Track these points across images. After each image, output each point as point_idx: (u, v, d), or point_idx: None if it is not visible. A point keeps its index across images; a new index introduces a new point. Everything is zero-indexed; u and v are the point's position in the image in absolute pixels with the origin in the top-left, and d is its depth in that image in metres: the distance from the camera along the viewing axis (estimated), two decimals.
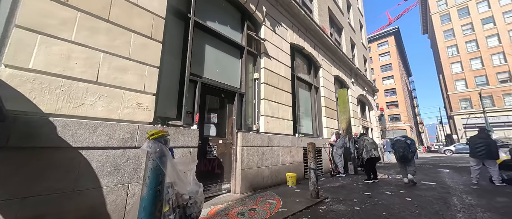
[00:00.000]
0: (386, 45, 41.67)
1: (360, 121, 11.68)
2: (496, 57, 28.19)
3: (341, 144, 6.17)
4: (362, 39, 15.29)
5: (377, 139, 13.73)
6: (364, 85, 12.87)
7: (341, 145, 6.18)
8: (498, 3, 28.80)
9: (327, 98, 7.58)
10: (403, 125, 36.87)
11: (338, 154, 6.24)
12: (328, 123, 7.35)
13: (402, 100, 38.13)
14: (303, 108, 6.56)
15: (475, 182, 5.14)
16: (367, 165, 5.28)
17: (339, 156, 6.24)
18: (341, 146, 6.16)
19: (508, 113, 26.00)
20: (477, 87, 28.32)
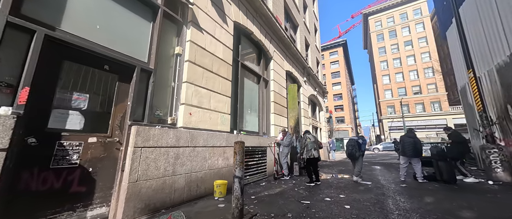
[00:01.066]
0: (336, 54, 46.63)
1: (310, 120, 11.81)
2: (412, 74, 35.24)
3: (287, 142, 5.55)
4: (316, 42, 15.90)
5: (324, 139, 14.43)
6: (316, 86, 13.23)
7: (287, 144, 5.56)
8: (415, 29, 36.04)
9: (277, 94, 6.94)
10: (346, 126, 41.96)
11: (284, 154, 5.61)
12: (276, 120, 6.70)
13: (346, 104, 43.38)
14: (249, 102, 5.65)
15: (403, 179, 5.34)
16: (308, 165, 4.77)
17: (285, 156, 5.61)
18: (287, 145, 5.55)
19: (418, 118, 32.78)
20: (399, 96, 34.73)
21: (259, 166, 5.19)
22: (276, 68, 7.16)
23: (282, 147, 5.62)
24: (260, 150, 5.35)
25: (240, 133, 4.76)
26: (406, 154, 5.28)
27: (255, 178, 4.94)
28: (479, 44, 6.66)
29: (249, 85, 5.79)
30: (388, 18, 39.55)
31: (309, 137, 4.88)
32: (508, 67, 5.51)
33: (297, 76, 9.60)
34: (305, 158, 4.78)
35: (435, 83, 32.71)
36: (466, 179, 5.26)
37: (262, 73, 6.45)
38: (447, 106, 31.13)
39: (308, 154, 4.75)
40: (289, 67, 8.59)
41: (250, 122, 5.59)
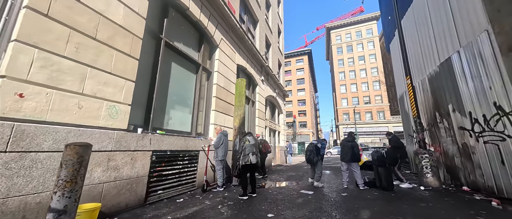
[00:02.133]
0: (302, 62, 49.09)
1: (266, 122, 11.24)
2: (364, 85, 39.54)
3: (216, 142, 4.57)
4: (279, 44, 15.74)
5: (283, 142, 14.16)
6: (275, 87, 12.85)
7: (216, 144, 4.57)
8: (367, 47, 40.76)
9: (222, 88, 5.95)
10: (308, 130, 44.16)
11: (219, 159, 4.61)
12: (219, 118, 5.70)
13: (309, 110, 45.82)
14: (177, 94, 4.49)
15: (346, 186, 5.02)
16: (243, 174, 3.90)
17: (220, 161, 4.62)
18: (216, 146, 4.56)
19: (367, 125, 36.74)
20: (352, 105, 38.43)
21: (182, 176, 4.06)
22: (223, 59, 6.20)
23: (216, 151, 4.62)
24: (188, 155, 4.23)
25: (154, 132, 3.56)
26: (344, 159, 4.99)
27: (173, 192, 3.78)
28: (416, 55, 7.14)
29: (180, 73, 4.63)
30: (346, 34, 43.80)
31: (249, 139, 4.02)
32: (438, 76, 5.87)
33: (252, 74, 8.87)
34: (241, 164, 3.89)
35: (380, 95, 37.36)
36: (402, 184, 5.25)
37: (202, 62, 5.38)
38: (389, 115, 35.84)
39: (245, 159, 3.87)
40: (242, 62, 7.75)
41: (177, 119, 4.42)
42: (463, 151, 4.98)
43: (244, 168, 3.88)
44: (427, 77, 6.47)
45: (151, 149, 3.32)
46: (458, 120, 5.08)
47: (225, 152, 4.66)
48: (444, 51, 5.49)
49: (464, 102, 4.80)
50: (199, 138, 4.72)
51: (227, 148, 4.74)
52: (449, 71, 5.30)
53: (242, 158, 3.83)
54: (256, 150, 3.97)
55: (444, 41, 5.46)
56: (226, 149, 4.70)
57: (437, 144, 6.18)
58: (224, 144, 4.66)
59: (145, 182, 3.19)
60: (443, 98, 5.64)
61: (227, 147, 4.77)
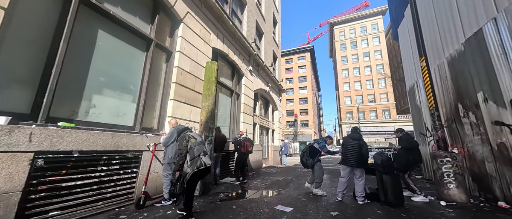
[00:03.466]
0: (304, 59, 47.57)
1: (257, 118, 10.05)
2: (368, 83, 37.81)
3: (165, 139, 3.38)
4: (275, 35, 14.49)
5: (277, 141, 12.94)
6: (269, 80, 11.63)
7: (165, 142, 3.39)
8: (372, 43, 38.96)
9: (186, 74, 4.80)
10: (310, 130, 42.70)
11: (167, 161, 3.44)
12: (181, 111, 4.55)
13: (311, 109, 44.32)
14: (106, 73, 3.33)
15: (340, 199, 3.80)
16: (191, 184, 2.70)
17: (169, 165, 3.44)
18: (166, 143, 3.38)
19: (372, 124, 35.07)
20: (356, 103, 36.76)
21: (108, 187, 2.92)
22: (190, 38, 5.04)
23: (165, 150, 3.44)
24: (120, 158, 3.09)
25: (47, 124, 2.42)
26: (349, 163, 3.76)
27: (86, 211, 2.64)
28: (431, 36, 5.80)
29: (115, 46, 3.47)
30: (351, 29, 42.05)
31: (193, 135, 2.82)
32: (462, 58, 4.55)
33: (236, 62, 7.68)
34: (190, 172, 2.65)
35: (386, 92, 35.57)
36: (414, 197, 3.98)
37: (156, 37, 4.22)
38: (396, 114, 34.07)
39: (196, 164, 2.64)
40: (221, 46, 6.57)
41: (107, 108, 3.27)
42: (499, 154, 3.69)
43: (196, 176, 2.68)
44: (446, 61, 5.15)
45: (33, 149, 2.18)
46: (492, 112, 3.78)
47: (176, 152, 3.49)
48: (472, 22, 4.17)
49: (504, 88, 3.50)
50: (143, 134, 3.57)
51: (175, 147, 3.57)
52: (480, 48, 3.99)
53: (190, 162, 2.62)
54: (206, 149, 2.80)
55: (472, 9, 4.14)
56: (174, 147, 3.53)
57: (459, 145, 4.88)
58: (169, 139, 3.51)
59: (16, 201, 2.05)
60: (470, 85, 4.33)
61: None
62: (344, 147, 3.91)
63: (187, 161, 2.63)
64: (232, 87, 7.69)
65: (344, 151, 3.88)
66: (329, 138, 4.55)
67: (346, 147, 3.86)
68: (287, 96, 46.27)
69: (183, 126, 3.76)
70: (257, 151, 9.05)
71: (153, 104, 4.17)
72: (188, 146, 2.70)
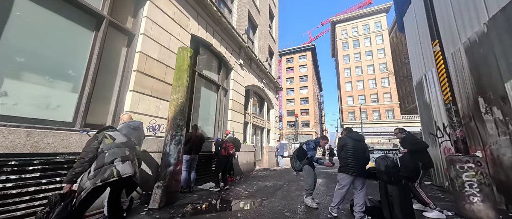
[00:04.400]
0: (305, 58, 46.68)
1: (249, 117, 9.29)
2: (371, 82, 36.75)
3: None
4: (272, 29, 13.73)
5: (273, 142, 12.16)
6: (263, 76, 10.87)
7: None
8: (375, 41, 37.92)
9: (153, 61, 4.08)
10: (311, 130, 41.76)
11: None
12: (145, 105, 3.83)
13: (312, 109, 43.38)
14: (25, 52, 2.62)
15: (335, 214, 3.03)
16: (84, 204, 1.78)
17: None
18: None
19: (374, 124, 34.02)
20: (359, 103, 35.74)
21: (8, 204, 2.18)
22: (161, 20, 4.32)
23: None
24: (37, 162, 2.36)
25: None
26: (351, 171, 2.95)
27: None
28: (444, 19, 4.99)
29: (42, 16, 2.73)
30: (353, 27, 41.06)
31: (110, 135, 2.03)
32: (484, 41, 3.74)
33: (224, 54, 6.94)
34: (87, 187, 1.72)
35: (390, 92, 34.48)
36: (427, 212, 3.19)
37: (108, 13, 3.48)
38: (399, 114, 32.97)
39: (101, 175, 1.77)
40: (203, 33, 5.84)
41: (31, 97, 2.55)
42: None
43: (98, 191, 1.84)
44: (462, 48, 4.34)
45: None
46: None
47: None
48: None
49: None
50: (83, 132, 2.84)
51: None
52: (508, 25, 3.19)
53: (95, 172, 1.77)
54: (131, 153, 2.02)
55: None
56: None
57: (479, 146, 4.06)
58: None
59: None
60: (494, 73, 3.52)
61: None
62: (343, 150, 3.11)
63: (90, 170, 1.80)
64: (218, 82, 6.95)
65: (344, 155, 3.08)
66: (322, 139, 3.77)
67: (346, 150, 3.05)
68: (288, 96, 45.43)
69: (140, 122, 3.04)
70: (248, 152, 8.29)
71: (107, 96, 3.45)
72: (100, 149, 1.90)
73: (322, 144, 3.76)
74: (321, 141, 3.75)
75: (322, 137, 3.80)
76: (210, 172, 5.75)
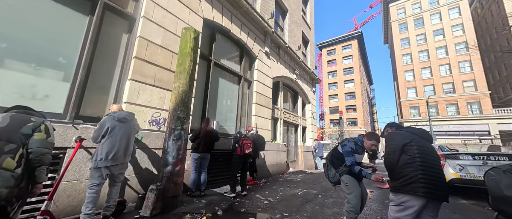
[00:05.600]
0: (350, 48, 41.34)
1: (278, 112, 8.24)
2: (443, 69, 28.99)
3: (95, 133, 2.28)
4: (306, 15, 12.17)
5: (310, 141, 10.65)
6: (295, 67, 9.58)
7: (95, 136, 2.33)
8: (448, 16, 29.78)
9: (156, 47, 3.67)
10: (359, 129, 36.52)
11: (94, 166, 2.28)
12: (145, 95, 3.45)
13: (360, 104, 37.91)
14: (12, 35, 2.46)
15: None
16: None
17: (95, 170, 2.28)
18: (95, 138, 2.33)
19: (449, 122, 26.65)
20: (425, 95, 28.73)
21: None
22: (165, 3, 3.90)
23: (96, 149, 2.29)
24: None
25: None
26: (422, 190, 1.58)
27: None
28: None
29: (35, 2, 2.58)
30: (414, 4, 33.55)
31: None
32: None
33: (245, 41, 6.18)
34: None
35: (473, 80, 26.27)
36: None
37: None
38: (490, 108, 24.67)
39: None
40: (218, 18, 5.23)
41: (13, 85, 2.39)
42: None
43: None
44: None
45: None
46: None
47: (109, 152, 2.30)
48: None
49: None
50: (70, 124, 2.55)
51: (119, 144, 2.37)
52: None
53: None
54: (46, 152, 1.40)
55: None
56: (112, 145, 2.33)
57: None
58: (112, 135, 2.34)
59: None
60: None
61: (121, 143, 2.39)
62: (404, 153, 1.76)
63: None
64: (240, 72, 6.23)
65: (406, 162, 1.73)
66: (370, 137, 2.43)
67: (411, 153, 1.71)
68: (330, 92, 41.26)
69: (124, 113, 2.57)
70: (278, 151, 7.28)
71: (105, 86, 3.18)
72: None
73: (369, 145, 2.41)
74: (367, 141, 2.40)
75: (369, 134, 2.46)
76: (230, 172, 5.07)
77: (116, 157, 2.37)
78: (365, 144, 2.42)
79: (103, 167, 2.29)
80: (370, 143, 2.39)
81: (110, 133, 2.37)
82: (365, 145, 2.44)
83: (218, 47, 5.48)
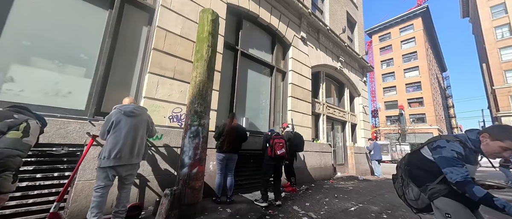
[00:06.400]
0: (411, 29, 34.06)
1: (320, 106, 7.06)
2: None
3: (101, 131, 2.15)
4: None
5: (362, 140, 8.83)
6: (340, 53, 8.09)
7: (102, 132, 2.14)
8: None
9: (175, 37, 3.40)
10: (429, 127, 29.46)
11: (99, 165, 2.06)
12: (164, 89, 3.20)
13: (429, 96, 30.56)
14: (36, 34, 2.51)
15: None
16: None
17: (100, 170, 2.05)
18: (103, 136, 2.16)
19: None
20: None
21: None
22: None
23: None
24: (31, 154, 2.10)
25: None
26: None
27: None
28: None
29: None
30: None
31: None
32: None
33: (276, 26, 5.44)
34: None
35: None
36: None
37: None
38: None
39: None
40: (243, 1, 4.67)
41: (38, 82, 2.42)
42: None
43: None
44: None
45: None
46: None
47: (111, 149, 2.04)
48: None
49: None
50: (87, 120, 2.45)
51: (123, 140, 2.09)
52: None
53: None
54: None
55: None
56: (115, 142, 2.07)
57: None
58: (117, 130, 2.09)
59: None
60: None
61: (126, 139, 2.11)
62: None
63: None
64: (272, 63, 5.50)
65: None
66: (499, 133, 1.27)
67: None
68: (385, 84, 35.06)
69: (131, 106, 2.30)
70: (321, 152, 6.16)
71: (126, 81, 3.07)
72: None
73: (496, 150, 1.25)
74: (493, 142, 1.25)
75: (496, 129, 1.28)
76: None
77: (120, 156, 2.07)
78: (487, 147, 1.29)
79: (108, 167, 2.02)
80: (501, 145, 1.24)
81: (114, 128, 2.09)
82: (485, 148, 1.30)
83: (245, 36, 4.94)
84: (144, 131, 2.33)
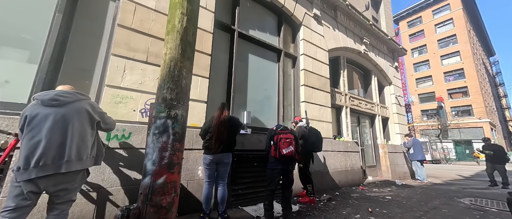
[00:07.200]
0: (448, 10, 29.76)
1: (342, 97, 5.89)
2: None
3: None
4: None
5: (398, 137, 7.30)
6: (363, 34, 6.79)
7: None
8: None
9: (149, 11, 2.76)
10: (478, 120, 25.07)
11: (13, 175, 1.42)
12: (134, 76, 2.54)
13: (476, 85, 26.10)
14: None
15: None
16: None
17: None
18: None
19: None
20: None
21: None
22: None
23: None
24: None
25: None
26: None
27: None
28: None
29: None
30: None
31: None
32: None
33: (282, 2, 4.53)
34: None
35: None
36: None
37: None
38: None
39: None
40: None
41: None
42: None
43: None
44: None
45: None
46: None
47: (29, 155, 1.38)
48: None
49: None
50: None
51: (45, 140, 1.42)
52: None
53: None
54: None
55: None
56: (33, 144, 1.40)
57: None
58: (33, 128, 1.44)
59: None
60: None
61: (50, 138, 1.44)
62: None
63: None
64: (279, 46, 4.60)
65: None
66: None
67: None
68: (418, 74, 31.09)
69: (56, 91, 1.63)
70: (345, 152, 5.01)
71: (88, 67, 2.47)
72: None
73: None
74: None
75: None
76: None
77: (44, 163, 1.39)
78: None
79: (23, 181, 1.36)
80: None
81: (29, 126, 1.43)
82: None
83: (244, 15, 4.13)
84: (84, 124, 1.61)
